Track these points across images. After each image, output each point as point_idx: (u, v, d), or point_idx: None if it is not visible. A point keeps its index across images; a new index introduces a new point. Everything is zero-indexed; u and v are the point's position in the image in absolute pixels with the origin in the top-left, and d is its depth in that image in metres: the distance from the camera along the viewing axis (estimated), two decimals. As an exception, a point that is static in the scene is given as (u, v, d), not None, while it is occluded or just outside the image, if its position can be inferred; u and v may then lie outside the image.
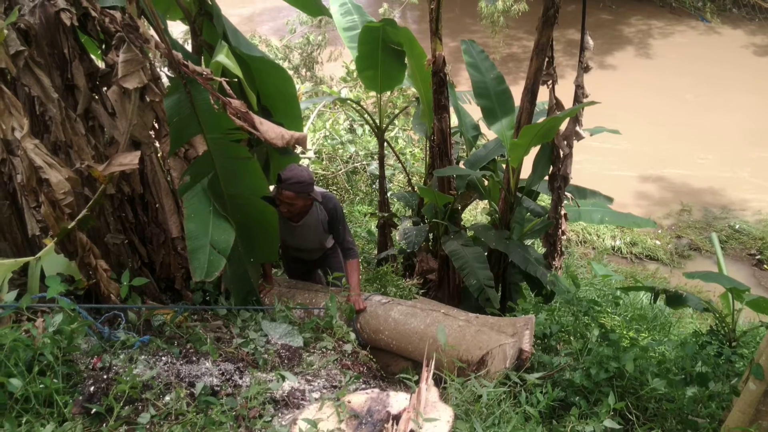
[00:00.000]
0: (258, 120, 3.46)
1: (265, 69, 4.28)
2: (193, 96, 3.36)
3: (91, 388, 2.55)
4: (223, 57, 3.76)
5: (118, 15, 3.25)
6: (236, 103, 3.41)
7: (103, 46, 3.42)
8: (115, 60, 3.09)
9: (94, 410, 2.44)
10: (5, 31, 2.84)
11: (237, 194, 3.68)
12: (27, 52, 2.93)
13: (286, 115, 4.46)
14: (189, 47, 4.44)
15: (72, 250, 3.18)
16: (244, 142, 3.70)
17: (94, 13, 3.23)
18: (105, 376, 2.64)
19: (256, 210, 3.76)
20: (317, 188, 4.32)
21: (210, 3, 4.03)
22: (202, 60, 4.27)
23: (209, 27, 4.14)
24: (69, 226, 3.04)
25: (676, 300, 4.70)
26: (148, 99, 3.21)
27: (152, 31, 3.43)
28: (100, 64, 3.49)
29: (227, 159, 3.57)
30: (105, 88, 3.33)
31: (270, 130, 3.47)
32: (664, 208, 11.18)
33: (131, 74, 3.10)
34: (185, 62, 3.29)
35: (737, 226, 10.55)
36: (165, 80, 3.59)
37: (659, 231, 10.61)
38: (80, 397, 2.51)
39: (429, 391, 2.48)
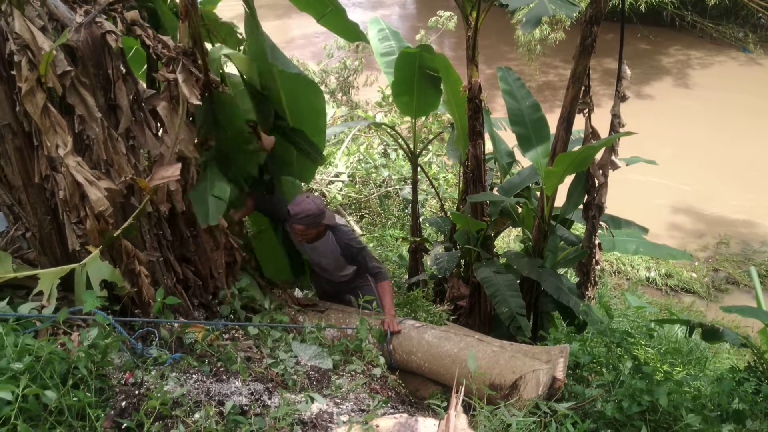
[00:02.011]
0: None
1: (299, 85, 4.56)
2: (215, 107, 3.77)
3: (123, 403, 2.59)
4: (228, 50, 4.22)
5: (170, 42, 3.38)
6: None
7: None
8: (168, 78, 3.20)
9: (125, 425, 2.46)
10: (54, 52, 2.93)
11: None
12: (73, 72, 3.02)
13: (312, 128, 4.71)
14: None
15: (115, 259, 3.25)
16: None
17: (148, 41, 3.36)
18: (136, 392, 2.67)
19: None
20: (337, 219, 4.51)
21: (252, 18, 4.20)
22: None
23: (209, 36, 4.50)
24: (115, 234, 3.11)
25: (712, 334, 4.60)
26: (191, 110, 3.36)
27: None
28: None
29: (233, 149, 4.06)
30: (150, 107, 3.44)
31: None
32: (699, 239, 10.98)
33: (191, 92, 3.23)
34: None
35: (777, 261, 10.32)
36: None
37: (695, 263, 10.41)
38: (112, 412, 2.53)
39: (458, 418, 2.46)
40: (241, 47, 4.68)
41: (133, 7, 3.49)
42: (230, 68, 4.52)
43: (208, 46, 4.11)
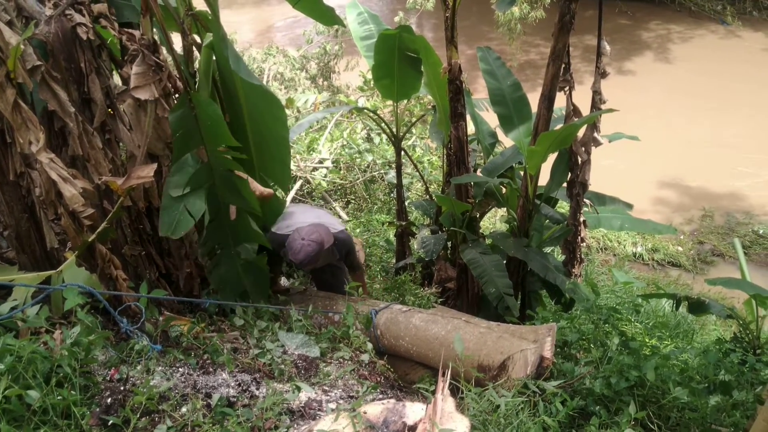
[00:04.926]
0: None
1: (261, 103, 4.06)
2: (197, 111, 3.43)
3: (108, 400, 2.56)
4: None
5: (137, 33, 3.31)
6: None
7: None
8: (129, 72, 3.13)
9: (111, 422, 2.45)
10: (22, 46, 2.88)
11: (232, 203, 3.82)
12: (44, 66, 2.97)
13: (275, 159, 4.28)
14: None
15: (92, 262, 3.21)
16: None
17: (113, 32, 3.29)
18: (122, 388, 2.65)
19: (247, 220, 3.93)
20: (335, 226, 4.37)
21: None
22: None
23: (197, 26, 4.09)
24: (89, 240, 3.07)
25: (698, 307, 4.63)
26: (158, 113, 3.25)
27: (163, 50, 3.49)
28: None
29: (225, 171, 3.68)
30: (121, 102, 3.37)
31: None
32: (684, 213, 11.04)
33: (143, 87, 3.14)
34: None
35: (761, 231, 10.39)
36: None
37: (681, 237, 10.48)
38: (97, 409, 2.52)
39: (445, 402, 2.45)
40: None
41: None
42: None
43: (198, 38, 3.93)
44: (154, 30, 3.43)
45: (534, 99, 5.22)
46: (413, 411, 2.43)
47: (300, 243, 3.99)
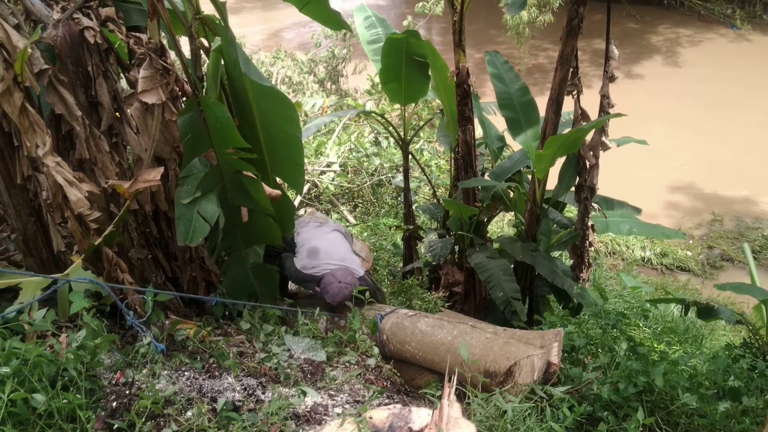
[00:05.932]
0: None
1: (272, 105, 3.98)
2: (205, 114, 3.43)
3: (114, 404, 2.56)
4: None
5: (144, 37, 3.31)
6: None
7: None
8: (137, 76, 3.13)
9: (116, 426, 2.44)
10: (29, 50, 2.88)
11: (243, 205, 3.84)
12: (51, 70, 2.97)
13: (287, 160, 4.22)
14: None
15: (99, 266, 3.21)
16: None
17: (120, 36, 3.29)
18: (127, 392, 2.65)
19: (259, 221, 3.96)
20: (357, 270, 4.39)
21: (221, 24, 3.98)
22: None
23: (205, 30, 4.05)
24: (96, 243, 3.08)
25: (707, 312, 4.60)
26: (165, 117, 3.25)
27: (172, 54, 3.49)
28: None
29: (235, 173, 3.69)
30: (128, 106, 3.37)
31: None
32: (695, 218, 10.99)
33: (151, 90, 3.14)
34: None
35: (771, 236, 10.34)
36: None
37: (690, 241, 10.43)
38: (103, 413, 2.51)
39: (452, 407, 2.44)
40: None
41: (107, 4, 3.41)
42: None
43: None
44: (162, 34, 3.44)
45: (542, 103, 5.21)
46: (419, 416, 2.41)
47: (338, 286, 4.13)
